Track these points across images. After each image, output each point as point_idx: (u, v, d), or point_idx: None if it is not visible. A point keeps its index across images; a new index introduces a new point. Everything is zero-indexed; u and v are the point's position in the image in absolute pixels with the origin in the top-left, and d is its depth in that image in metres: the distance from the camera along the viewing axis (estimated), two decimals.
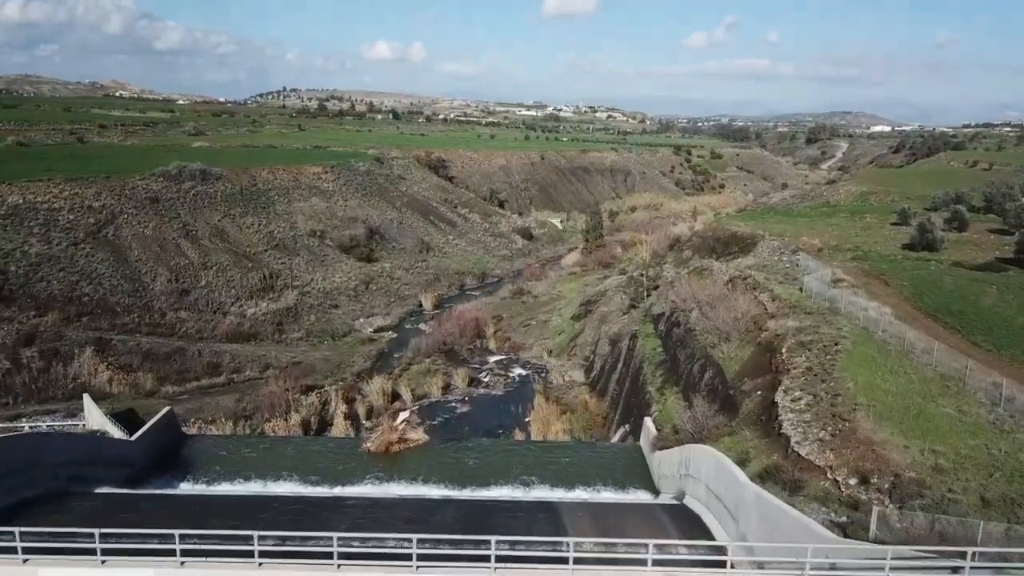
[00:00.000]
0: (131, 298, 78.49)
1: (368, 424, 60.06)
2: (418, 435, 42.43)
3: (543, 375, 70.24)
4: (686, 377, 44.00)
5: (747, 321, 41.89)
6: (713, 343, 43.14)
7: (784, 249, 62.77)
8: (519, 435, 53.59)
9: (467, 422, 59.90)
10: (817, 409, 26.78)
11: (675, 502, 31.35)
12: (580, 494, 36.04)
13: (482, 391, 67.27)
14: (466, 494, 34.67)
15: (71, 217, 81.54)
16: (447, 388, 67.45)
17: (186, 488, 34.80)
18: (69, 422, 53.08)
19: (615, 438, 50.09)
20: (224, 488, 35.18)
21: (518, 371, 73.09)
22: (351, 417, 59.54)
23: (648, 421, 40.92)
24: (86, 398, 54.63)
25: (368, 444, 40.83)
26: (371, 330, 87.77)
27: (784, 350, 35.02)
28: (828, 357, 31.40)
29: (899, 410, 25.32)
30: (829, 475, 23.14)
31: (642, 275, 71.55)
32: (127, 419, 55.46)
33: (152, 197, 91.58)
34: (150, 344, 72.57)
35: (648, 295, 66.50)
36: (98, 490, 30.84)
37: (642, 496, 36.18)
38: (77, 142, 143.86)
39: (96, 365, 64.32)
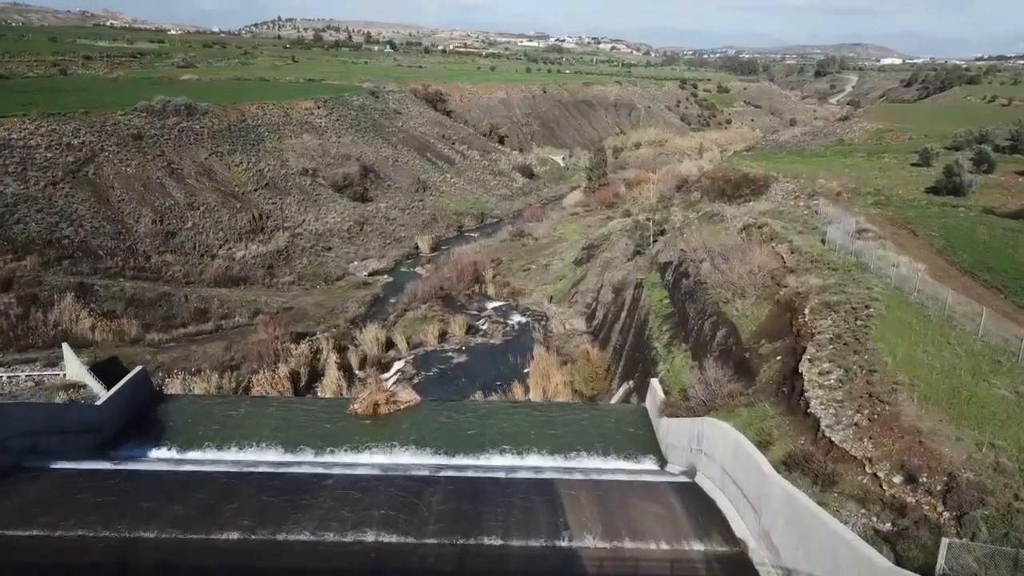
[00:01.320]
0: (114, 241, 75.20)
1: (361, 375, 57.56)
2: (409, 395, 39.67)
3: (543, 323, 67.41)
4: (696, 334, 41.01)
5: (764, 276, 38.62)
6: (726, 298, 39.99)
7: (800, 193, 59.18)
8: (518, 389, 51.01)
9: (464, 373, 57.32)
10: (851, 387, 23.74)
11: (685, 479, 28.70)
12: (582, 464, 33.54)
13: (480, 340, 64.53)
14: (458, 465, 32.13)
15: (48, 155, 77.60)
16: (444, 336, 64.71)
17: (155, 458, 32.19)
18: (48, 371, 50.73)
19: (618, 394, 47.47)
20: (197, 457, 32.60)
21: (517, 319, 70.25)
22: (343, 367, 56.88)
23: (655, 383, 38.11)
24: (65, 348, 51.97)
25: (355, 406, 38.12)
26: (365, 274, 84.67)
27: (807, 311, 31.84)
28: (859, 322, 28.24)
29: (946, 392, 22.31)
30: (868, 469, 20.25)
31: (648, 220, 67.96)
32: (109, 369, 53.08)
33: (135, 134, 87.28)
34: (134, 289, 69.63)
35: (654, 241, 63.09)
36: (55, 465, 28.19)
37: (648, 465, 33.65)
38: (59, 74, 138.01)
39: (78, 311, 61.37)
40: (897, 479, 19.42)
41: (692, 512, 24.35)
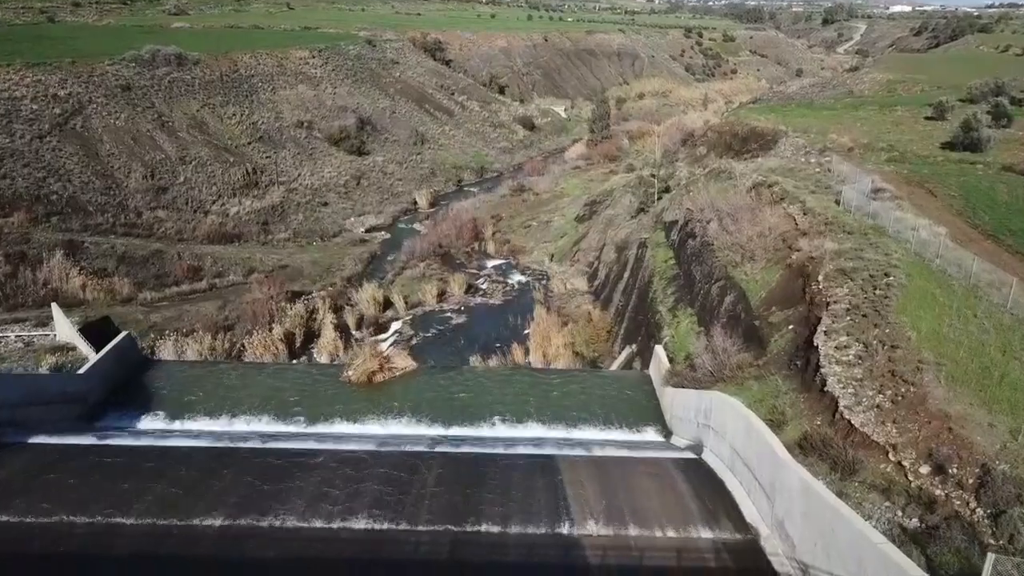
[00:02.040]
0: (104, 196, 73.25)
1: (358, 335, 56.30)
2: (405, 361, 38.41)
3: (543, 283, 65.89)
4: (702, 299, 39.49)
5: (774, 238, 36.92)
6: (735, 262, 38.37)
7: (810, 148, 57.08)
8: (517, 352, 49.76)
9: (463, 334, 56.01)
10: (871, 364, 22.25)
11: (691, 455, 27.48)
12: (584, 435, 32.37)
13: (479, 300, 63.09)
14: (455, 438, 30.95)
15: (34, 107, 75.15)
16: (442, 296, 63.26)
17: (140, 429, 31.01)
18: (38, 332, 49.51)
19: (620, 359, 46.18)
20: (184, 428, 31.46)
21: (517, 278, 68.71)
22: (340, 328, 55.48)
23: (659, 350, 36.74)
24: (55, 308, 50.61)
25: (349, 372, 36.85)
26: (362, 230, 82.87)
27: (821, 278, 30.25)
28: (877, 292, 26.65)
29: (976, 372, 20.84)
30: (892, 456, 18.88)
31: (652, 176, 65.86)
32: (101, 329, 51.77)
33: (123, 85, 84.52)
34: (125, 246, 67.98)
35: (659, 199, 61.15)
36: (34, 439, 26.95)
37: (652, 436, 32.48)
38: (47, 22, 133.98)
39: (68, 270, 59.80)
40: (924, 469, 18.06)
41: (699, 494, 23.14)
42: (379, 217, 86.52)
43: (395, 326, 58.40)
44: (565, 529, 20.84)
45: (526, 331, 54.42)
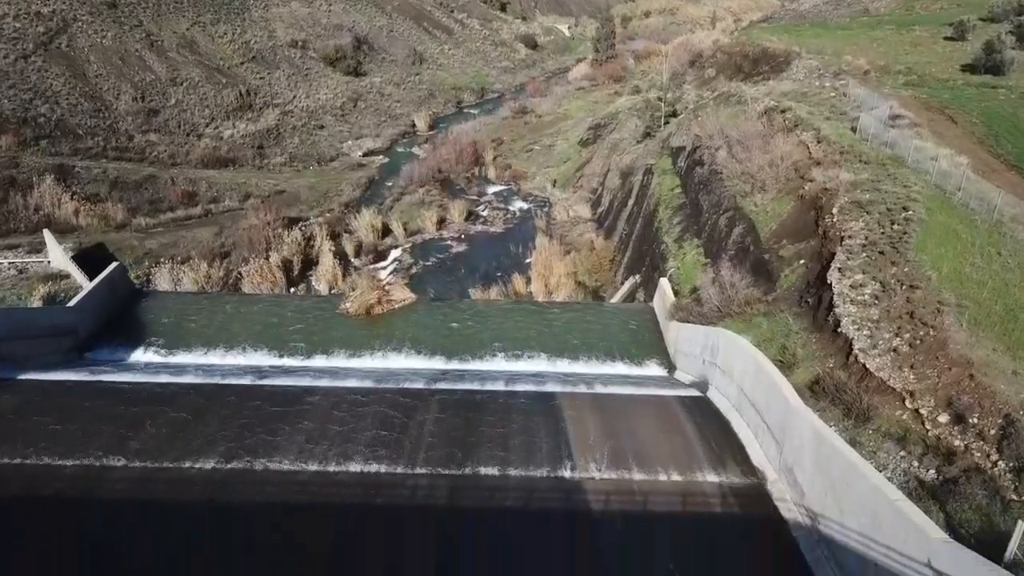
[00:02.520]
0: (93, 119, 71.25)
1: (357, 263, 55.37)
2: (403, 293, 37.43)
3: (546, 210, 64.46)
4: (709, 230, 38.26)
5: (787, 167, 35.39)
6: (744, 191, 36.98)
7: (824, 71, 54.75)
8: (519, 282, 48.87)
9: (463, 263, 54.99)
10: (888, 305, 21.20)
11: (696, 393, 26.80)
12: (586, 369, 31.75)
13: (480, 228, 61.82)
14: (455, 373, 30.33)
15: (17, 25, 72.34)
16: (442, 223, 61.99)
17: (132, 362, 30.33)
18: (32, 259, 48.72)
19: (623, 289, 45.27)
20: (176, 362, 30.80)
21: (519, 204, 67.24)
22: (338, 255, 54.46)
23: (664, 282, 35.71)
24: (47, 234, 49.59)
25: (347, 304, 35.94)
26: (360, 154, 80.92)
27: (835, 210, 28.95)
28: (895, 227, 25.41)
29: (1000, 315, 19.79)
30: (908, 403, 18.06)
31: (659, 99, 63.54)
32: (95, 256, 50.87)
33: (108, 2, 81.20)
34: (118, 171, 66.45)
35: (666, 123, 59.10)
36: (23, 375, 26.25)
37: (655, 371, 31.81)
38: None
39: (59, 195, 58.52)
40: (943, 418, 17.25)
41: (705, 436, 22.50)
42: (377, 140, 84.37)
43: (394, 254, 57.35)
44: (567, 473, 20.26)
45: (527, 260, 53.42)
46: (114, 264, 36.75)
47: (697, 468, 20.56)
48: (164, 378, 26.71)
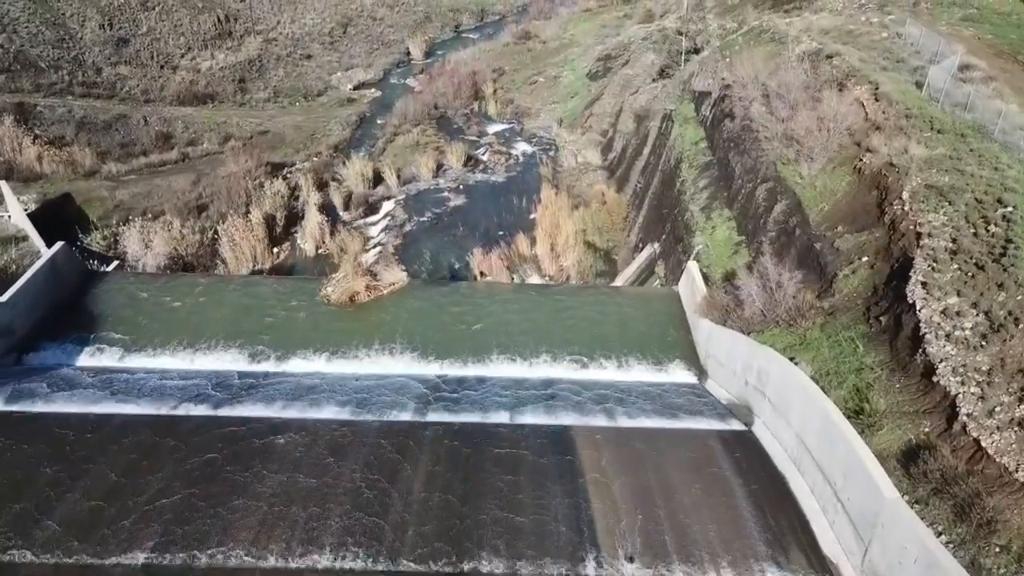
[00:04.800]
0: (56, 50, 65.22)
1: (346, 217, 50.63)
2: (393, 275, 32.96)
3: (551, 154, 59.12)
4: (744, 201, 33.41)
5: (839, 132, 30.24)
6: (786, 158, 31.99)
7: (867, 1, 48.55)
8: (522, 242, 44.45)
9: (461, 218, 50.18)
10: (1003, 351, 16.64)
11: (739, 427, 22.50)
12: (601, 376, 27.68)
13: (480, 175, 56.63)
14: (449, 376, 26.26)
15: None
16: (439, 170, 56.82)
17: (77, 372, 25.93)
18: None
19: (639, 259, 40.67)
20: (132, 365, 26.65)
21: (522, 147, 61.78)
22: (325, 209, 49.69)
23: (692, 267, 31.14)
24: (4, 187, 44.56)
25: (328, 289, 31.58)
26: (350, 87, 74.79)
27: (906, 195, 24.10)
28: (993, 228, 20.45)
29: None
30: None
31: (679, 33, 57.27)
32: (62, 208, 46.20)
33: None
34: (85, 109, 61.01)
35: (686, 61, 53.13)
36: None
37: (683, 377, 27.65)
38: None
39: (20, 138, 53.29)
40: None
41: (758, 501, 18.41)
42: (368, 71, 77.99)
43: (386, 207, 52.48)
44: (591, 572, 16.24)
45: (532, 215, 48.70)
46: (58, 245, 32.02)
47: (752, 557, 16.59)
48: (105, 406, 22.47)
